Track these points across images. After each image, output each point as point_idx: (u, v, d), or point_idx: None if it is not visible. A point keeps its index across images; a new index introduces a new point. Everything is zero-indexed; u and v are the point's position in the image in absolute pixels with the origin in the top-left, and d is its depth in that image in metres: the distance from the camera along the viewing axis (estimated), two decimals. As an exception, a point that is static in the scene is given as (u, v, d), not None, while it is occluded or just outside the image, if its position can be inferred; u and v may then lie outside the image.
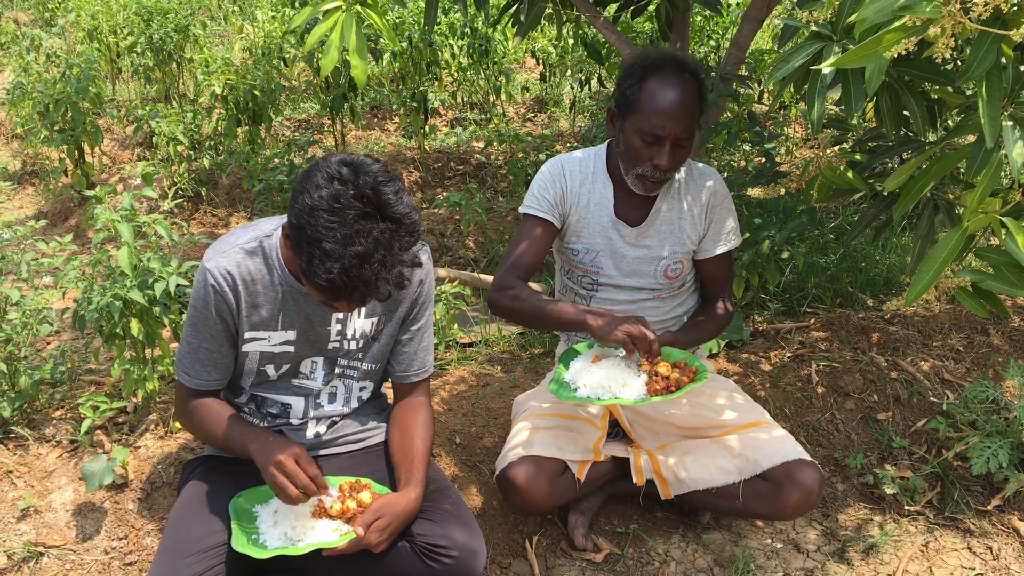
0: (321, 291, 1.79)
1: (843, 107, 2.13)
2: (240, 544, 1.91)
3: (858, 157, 2.84)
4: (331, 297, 1.81)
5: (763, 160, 3.36)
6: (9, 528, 2.42)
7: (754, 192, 4.65)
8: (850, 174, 2.74)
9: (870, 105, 2.88)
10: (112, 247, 2.74)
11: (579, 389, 2.24)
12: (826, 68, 1.94)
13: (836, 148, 4.63)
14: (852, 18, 1.79)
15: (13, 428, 2.73)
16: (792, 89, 2.26)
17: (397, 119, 7.09)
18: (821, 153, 5.73)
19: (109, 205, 2.66)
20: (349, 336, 2.18)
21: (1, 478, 2.58)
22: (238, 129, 5.35)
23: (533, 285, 4.07)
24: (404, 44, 5.88)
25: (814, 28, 2.15)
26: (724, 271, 2.61)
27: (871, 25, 1.70)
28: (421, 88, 5.89)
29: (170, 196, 2.90)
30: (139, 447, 2.70)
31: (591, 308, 2.30)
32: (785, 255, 3.26)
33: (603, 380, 2.22)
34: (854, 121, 3.08)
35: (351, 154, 1.82)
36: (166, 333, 2.78)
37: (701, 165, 2.55)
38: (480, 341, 3.65)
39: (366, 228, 1.74)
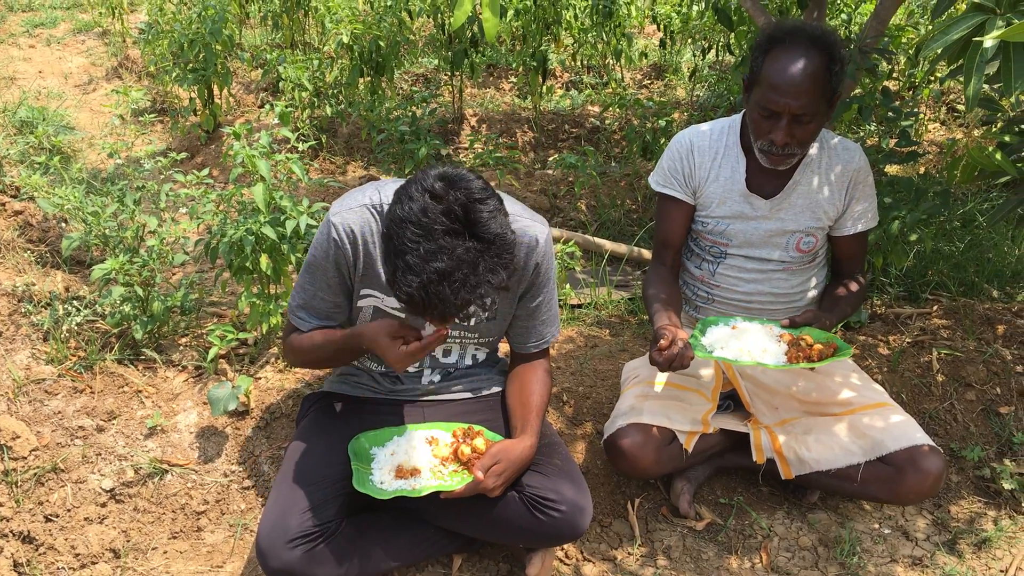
0: (402, 304, 1.78)
1: (999, 85, 2.04)
2: (361, 484, 1.96)
3: (1007, 139, 2.71)
4: (412, 311, 1.78)
5: (896, 139, 3.24)
6: (137, 444, 2.54)
7: (891, 169, 4.48)
8: (999, 156, 2.62)
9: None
10: (245, 184, 2.82)
11: (716, 351, 2.23)
12: (989, 41, 1.86)
13: (983, 128, 4.43)
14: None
15: (144, 350, 2.86)
16: (946, 63, 2.16)
17: (514, 78, 7.08)
18: (969, 133, 5.50)
19: (246, 143, 2.74)
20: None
21: (131, 397, 2.71)
22: (360, 79, 5.42)
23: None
24: (528, 1, 5.83)
25: (975, 0, 2.06)
26: (860, 249, 2.55)
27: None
28: (541, 48, 5.86)
29: (293, 140, 2.96)
30: (259, 378, 2.80)
31: (663, 326, 2.22)
32: (913, 238, 3.15)
33: (743, 345, 2.23)
34: (1012, 99, 2.93)
35: (453, 168, 1.78)
36: (291, 271, 2.86)
37: (846, 140, 2.47)
38: (589, 303, 3.65)
39: (450, 245, 1.69)
